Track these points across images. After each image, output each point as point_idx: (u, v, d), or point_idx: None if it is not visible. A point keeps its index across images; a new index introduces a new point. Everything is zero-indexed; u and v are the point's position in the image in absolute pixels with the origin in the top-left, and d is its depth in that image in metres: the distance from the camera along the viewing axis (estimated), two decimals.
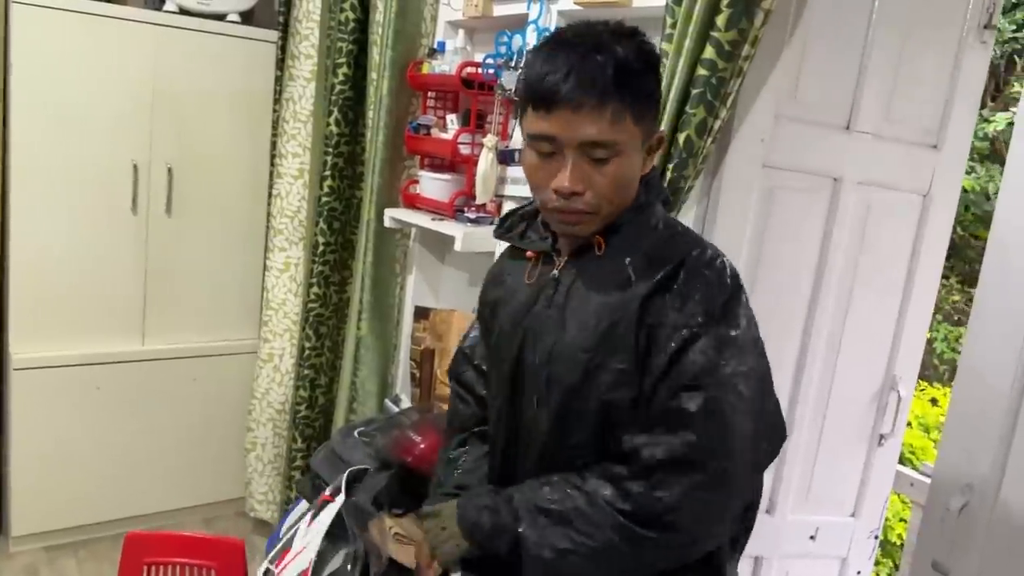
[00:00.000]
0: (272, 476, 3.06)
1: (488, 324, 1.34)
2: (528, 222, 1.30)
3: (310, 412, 2.77)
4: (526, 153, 1.16)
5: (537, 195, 1.18)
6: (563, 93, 1.08)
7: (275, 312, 2.98)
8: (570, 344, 1.16)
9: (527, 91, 1.13)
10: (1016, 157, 1.25)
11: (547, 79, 1.09)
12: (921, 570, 1.33)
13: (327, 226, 2.63)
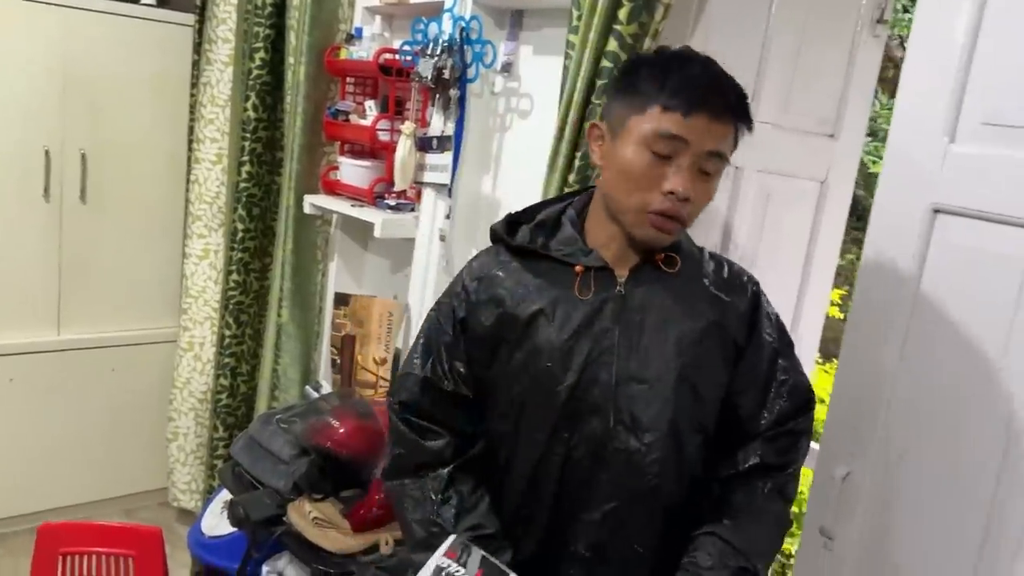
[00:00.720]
0: (194, 465, 3.04)
1: (511, 345, 1.20)
2: (546, 234, 1.23)
3: (231, 400, 2.76)
4: (637, 152, 1.12)
5: (633, 196, 1.13)
6: (708, 99, 1.10)
7: (195, 300, 2.95)
8: (663, 359, 1.16)
9: (664, 89, 1.10)
10: (892, 144, 1.34)
11: (693, 82, 1.10)
12: (810, 535, 1.42)
13: (246, 212, 2.61)
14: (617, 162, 1.15)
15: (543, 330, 1.18)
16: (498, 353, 1.22)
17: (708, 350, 1.18)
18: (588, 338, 1.16)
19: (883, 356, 1.33)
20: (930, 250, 1.28)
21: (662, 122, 1.10)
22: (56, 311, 2.91)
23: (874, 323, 1.34)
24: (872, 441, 1.34)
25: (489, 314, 1.22)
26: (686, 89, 1.10)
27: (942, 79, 1.26)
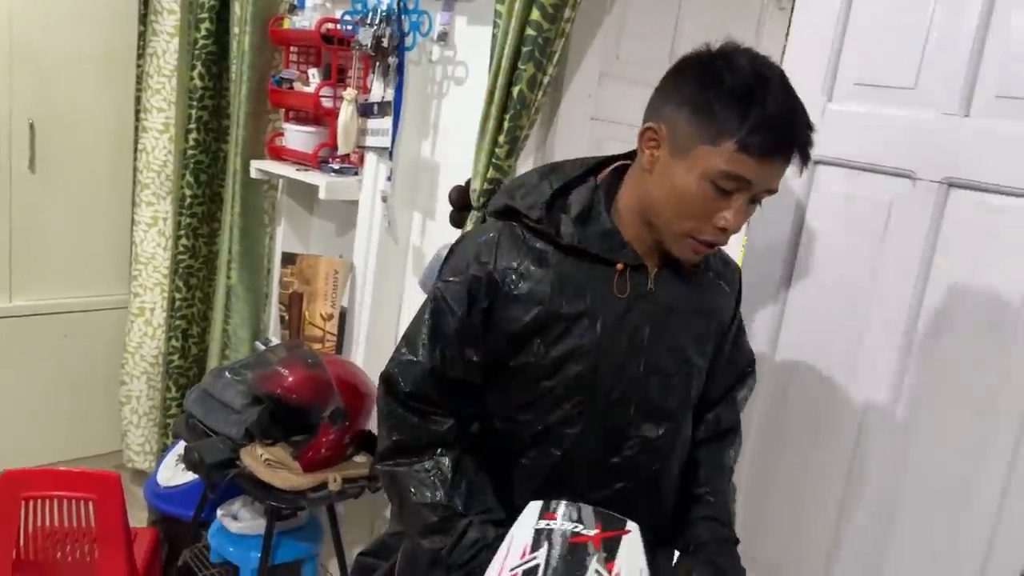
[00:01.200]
0: (148, 427, 3.12)
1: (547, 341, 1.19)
2: (583, 223, 1.19)
3: (183, 362, 2.85)
4: (700, 184, 1.08)
5: (683, 223, 1.12)
6: (786, 145, 1.07)
7: (145, 266, 3.02)
8: (681, 352, 1.23)
9: (744, 127, 1.04)
10: None
11: (775, 123, 1.05)
12: None
13: (194, 179, 2.69)
14: (674, 184, 1.10)
15: (584, 330, 1.17)
16: (528, 347, 1.19)
17: (711, 339, 1.28)
18: (623, 334, 1.18)
19: (771, 288, 1.50)
20: (811, 196, 1.45)
21: (734, 163, 1.05)
22: (8, 278, 2.96)
23: (764, 261, 1.51)
24: (762, 365, 1.51)
25: (527, 310, 1.18)
26: (766, 131, 1.05)
27: (821, 45, 1.42)
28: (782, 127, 1.06)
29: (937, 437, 1.29)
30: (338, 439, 2.02)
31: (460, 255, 1.24)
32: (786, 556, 1.48)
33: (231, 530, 2.15)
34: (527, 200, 1.20)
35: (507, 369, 1.22)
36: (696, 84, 1.09)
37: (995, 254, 1.22)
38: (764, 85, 1.06)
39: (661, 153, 1.12)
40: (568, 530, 1.07)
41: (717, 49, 1.11)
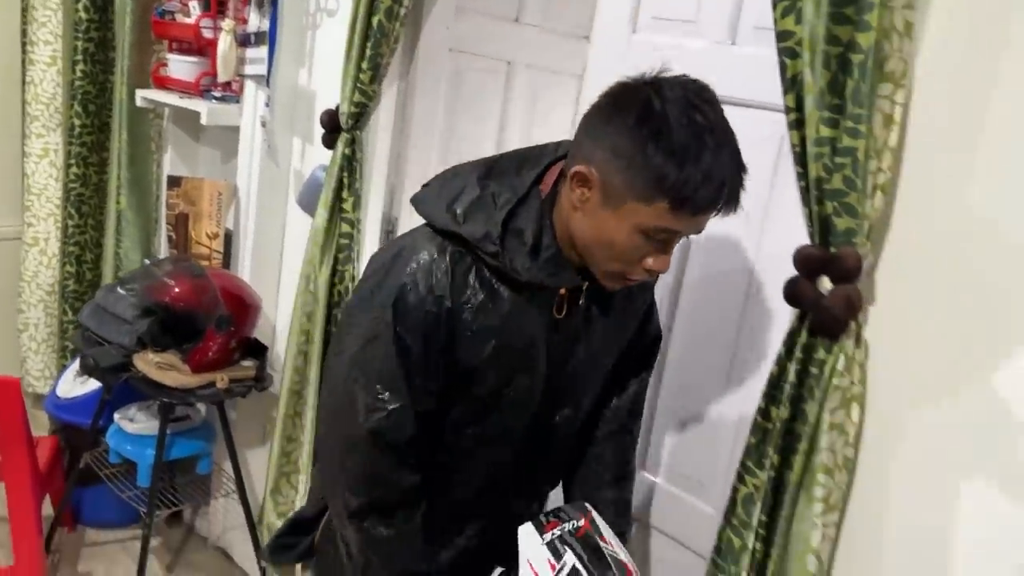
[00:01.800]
0: (47, 353, 3.23)
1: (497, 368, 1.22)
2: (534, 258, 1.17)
3: (79, 287, 2.97)
4: (631, 236, 1.09)
5: (612, 264, 1.15)
6: (720, 200, 1.08)
7: (37, 197, 3.10)
8: (602, 356, 1.35)
9: (678, 192, 1.04)
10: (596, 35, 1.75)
11: (711, 183, 1.05)
12: None
13: (82, 109, 2.79)
14: (604, 231, 1.11)
15: (532, 354, 1.23)
16: (482, 377, 1.22)
17: (628, 337, 1.41)
18: (560, 349, 1.26)
19: None
20: None
21: (666, 220, 1.07)
22: None
23: None
24: None
25: (483, 345, 1.19)
26: (702, 191, 1.05)
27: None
28: (717, 187, 1.06)
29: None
30: (224, 344, 2.22)
31: (401, 276, 1.17)
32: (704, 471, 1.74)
33: (128, 431, 2.34)
34: (476, 227, 1.15)
35: (457, 393, 1.24)
36: (630, 136, 1.06)
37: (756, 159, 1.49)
38: (700, 142, 1.04)
39: (591, 196, 1.11)
40: (570, 528, 1.20)
41: (653, 88, 1.08)
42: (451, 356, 1.19)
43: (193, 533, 2.77)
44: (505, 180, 1.19)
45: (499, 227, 1.14)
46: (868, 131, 1.17)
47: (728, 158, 1.08)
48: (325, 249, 2.07)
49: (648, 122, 1.05)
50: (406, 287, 1.16)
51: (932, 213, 1.21)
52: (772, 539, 1.29)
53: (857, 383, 1.25)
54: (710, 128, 1.06)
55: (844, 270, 1.22)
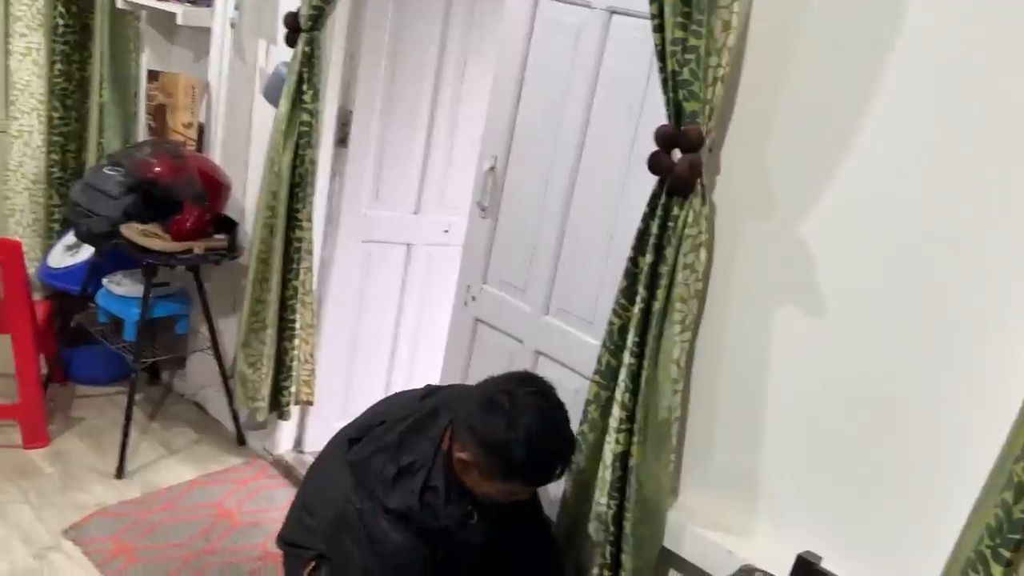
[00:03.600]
0: (33, 237, 3.53)
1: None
2: (451, 506, 1.67)
3: (64, 173, 3.28)
4: (499, 492, 1.66)
5: (495, 500, 1.69)
6: (557, 477, 1.68)
7: (21, 93, 3.37)
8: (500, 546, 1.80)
9: (529, 477, 1.65)
10: None
11: (547, 473, 1.65)
12: (474, 211, 2.24)
13: (65, 9, 3.06)
14: (484, 490, 1.66)
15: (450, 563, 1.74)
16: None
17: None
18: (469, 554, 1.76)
19: (509, 89, 2.12)
20: (535, 25, 2.06)
21: (520, 487, 1.67)
22: None
23: (507, 65, 2.12)
24: (504, 148, 2.15)
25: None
26: (548, 472, 1.65)
27: None
28: (553, 471, 1.66)
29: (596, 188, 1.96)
30: (200, 217, 2.57)
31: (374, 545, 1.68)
32: (590, 311, 2.15)
33: (116, 292, 2.70)
34: (401, 500, 1.65)
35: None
36: (495, 440, 1.59)
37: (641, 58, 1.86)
38: (541, 446, 1.60)
39: (473, 472, 1.64)
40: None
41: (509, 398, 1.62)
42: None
43: (171, 392, 3.16)
44: (415, 448, 1.70)
45: (417, 496, 1.65)
46: (708, 33, 1.55)
47: (565, 450, 1.68)
48: (287, 136, 2.41)
49: (507, 432, 1.59)
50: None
51: (766, 104, 1.61)
52: (643, 354, 1.70)
53: (704, 232, 1.66)
54: (548, 429, 1.63)
55: (690, 142, 1.62)
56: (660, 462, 1.72)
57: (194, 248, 2.54)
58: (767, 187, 1.62)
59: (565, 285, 2.06)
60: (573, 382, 2.02)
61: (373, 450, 1.74)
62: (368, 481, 1.70)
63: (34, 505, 2.41)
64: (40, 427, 2.66)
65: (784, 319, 1.62)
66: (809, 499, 1.61)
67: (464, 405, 1.69)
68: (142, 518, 2.43)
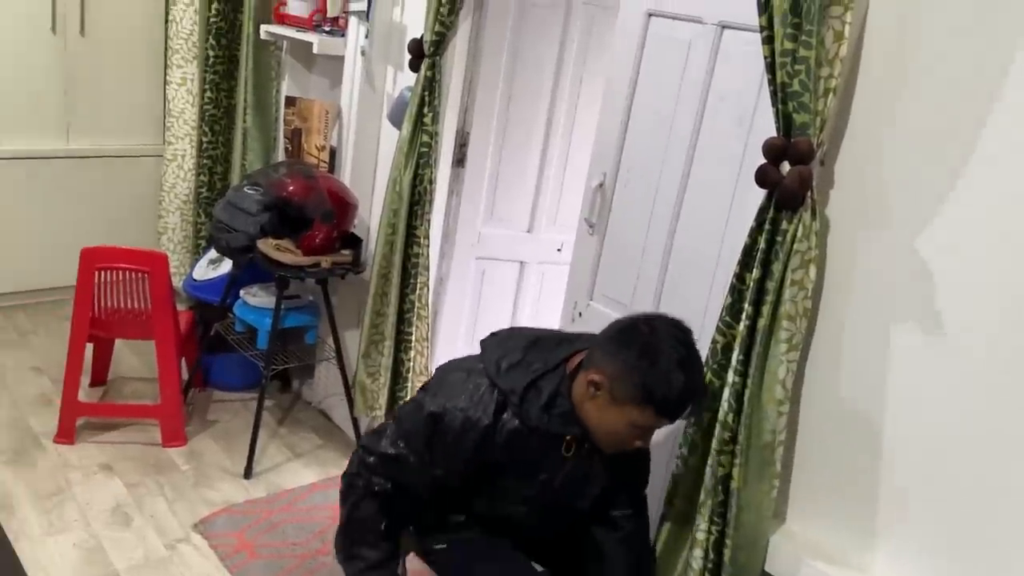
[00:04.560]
0: (182, 253, 3.83)
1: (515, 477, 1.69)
2: (543, 413, 1.62)
3: (210, 194, 3.54)
4: (626, 427, 1.56)
5: (610, 442, 1.61)
6: (687, 410, 1.59)
7: (176, 120, 3.68)
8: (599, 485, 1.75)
9: (663, 404, 1.52)
10: None
11: (681, 404, 1.55)
12: (582, 228, 2.27)
13: (216, 42, 3.32)
14: (607, 421, 1.57)
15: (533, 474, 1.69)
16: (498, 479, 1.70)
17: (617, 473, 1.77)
18: (562, 476, 1.70)
19: (620, 105, 2.13)
20: (647, 40, 2.07)
21: (651, 420, 1.55)
22: (65, 124, 3.64)
23: (616, 90, 2.14)
24: (613, 166, 2.16)
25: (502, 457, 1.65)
26: (682, 402, 1.56)
27: None
28: (687, 404, 1.57)
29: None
30: (328, 234, 2.71)
31: (459, 391, 1.64)
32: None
33: (251, 303, 2.88)
34: (509, 382, 1.62)
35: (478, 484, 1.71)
36: (632, 355, 1.53)
37: (752, 71, 1.84)
38: (680, 372, 1.51)
39: (601, 395, 1.56)
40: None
41: (650, 327, 1.56)
42: (477, 459, 1.65)
43: (300, 399, 3.32)
44: (542, 354, 1.67)
45: (523, 387, 1.61)
46: (819, 43, 1.52)
47: (700, 381, 1.60)
48: (409, 156, 2.52)
49: (646, 351, 1.54)
50: (457, 401, 1.63)
51: (883, 116, 1.55)
52: (748, 373, 1.67)
53: (814, 248, 1.61)
54: (688, 360, 1.55)
55: (799, 154, 1.58)
56: (762, 487, 1.67)
57: (322, 263, 2.68)
58: (885, 201, 1.56)
59: (671, 302, 2.04)
60: None
61: (507, 336, 1.74)
62: (488, 358, 1.68)
63: (168, 499, 2.59)
64: (178, 428, 2.86)
65: (903, 341, 1.54)
66: (931, 534, 1.52)
67: (602, 334, 1.64)
68: (265, 517, 2.57)
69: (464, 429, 1.62)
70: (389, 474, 1.71)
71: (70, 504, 2.49)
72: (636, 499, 1.86)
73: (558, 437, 1.66)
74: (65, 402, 2.71)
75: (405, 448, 1.68)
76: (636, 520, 1.85)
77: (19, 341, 3.44)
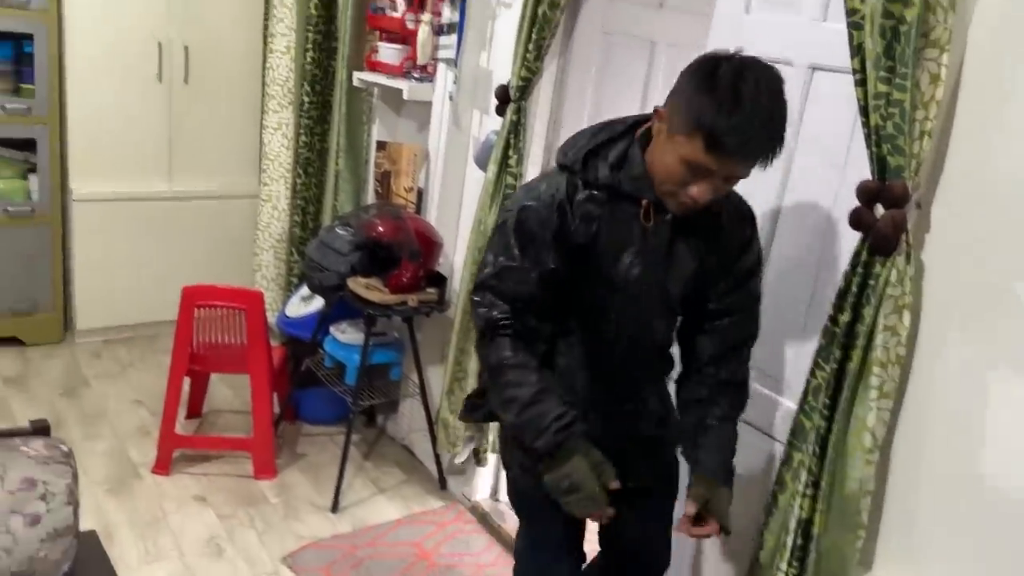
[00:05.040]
0: (275, 290, 3.97)
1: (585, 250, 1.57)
2: (619, 170, 1.52)
3: (303, 233, 3.67)
4: (675, 163, 1.41)
5: (665, 186, 1.46)
6: (740, 153, 1.37)
7: (271, 162, 3.83)
8: (682, 269, 1.61)
9: (710, 134, 1.34)
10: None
11: (731, 138, 1.34)
12: None
13: (310, 89, 3.46)
14: (662, 157, 1.44)
15: (620, 248, 1.57)
16: (584, 258, 1.58)
17: (708, 262, 1.64)
18: (646, 252, 1.57)
19: None
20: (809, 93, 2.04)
21: (699, 156, 1.37)
22: (168, 167, 3.84)
23: None
24: None
25: (586, 233, 1.55)
26: (733, 136, 1.33)
27: None
28: (748, 135, 1.34)
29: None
30: (415, 273, 2.77)
31: (532, 189, 1.59)
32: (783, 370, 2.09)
33: (340, 340, 2.96)
34: (571, 156, 1.55)
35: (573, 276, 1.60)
36: (694, 83, 1.38)
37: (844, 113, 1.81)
38: (739, 102, 1.32)
39: (661, 129, 1.44)
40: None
41: (727, 59, 1.39)
42: (563, 238, 1.56)
43: (384, 434, 3.38)
44: (610, 127, 1.59)
45: (582, 152, 1.54)
46: (913, 86, 1.50)
47: (760, 124, 1.36)
48: (493, 197, 2.56)
49: (709, 80, 1.37)
50: (531, 195, 1.59)
51: (981, 158, 1.51)
52: (833, 417, 1.63)
53: (908, 294, 1.57)
54: (754, 96, 1.35)
55: (893, 198, 1.55)
56: (846, 536, 1.62)
57: (409, 301, 2.75)
58: (983, 245, 1.51)
59: (761, 345, 2.01)
60: (766, 445, 1.95)
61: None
62: (558, 153, 1.62)
63: (259, 531, 2.67)
64: (269, 461, 2.94)
65: (1005, 391, 1.48)
66: None
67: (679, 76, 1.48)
68: (350, 552, 2.61)
69: (542, 216, 1.55)
70: (503, 296, 1.59)
71: (165, 534, 2.59)
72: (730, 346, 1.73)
73: (634, 205, 1.55)
74: (163, 434, 2.83)
75: (505, 259, 1.58)
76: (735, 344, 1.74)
77: (120, 374, 3.61)
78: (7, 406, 3.21)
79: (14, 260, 3.58)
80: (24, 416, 3.14)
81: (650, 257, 1.59)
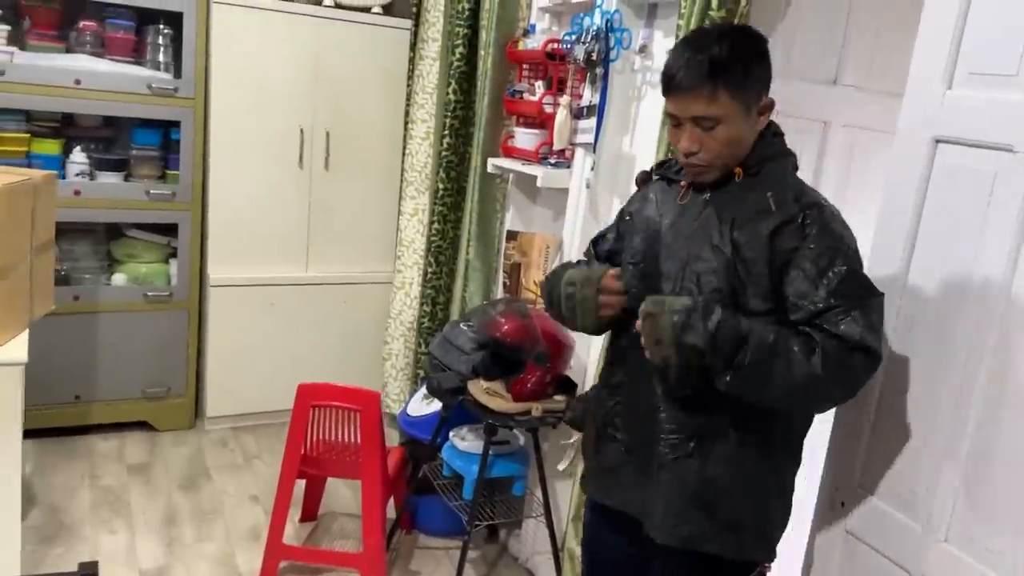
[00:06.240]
0: (403, 380, 3.79)
1: (628, 226, 1.78)
2: (670, 164, 1.77)
3: (431, 324, 3.48)
4: (669, 126, 1.63)
5: (670, 136, 1.65)
6: (674, 82, 1.54)
7: (406, 248, 3.70)
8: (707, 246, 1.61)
9: (661, 79, 1.58)
10: (909, 91, 1.74)
11: (666, 71, 1.56)
12: None
13: (446, 175, 3.31)
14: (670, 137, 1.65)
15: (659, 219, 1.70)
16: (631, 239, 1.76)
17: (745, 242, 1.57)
18: (682, 224, 1.65)
19: (896, 249, 1.74)
20: (933, 170, 1.68)
21: (668, 105, 1.58)
22: (305, 253, 3.78)
23: (893, 228, 1.75)
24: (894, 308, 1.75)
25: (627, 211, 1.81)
26: (664, 77, 1.57)
27: (942, 39, 1.66)
28: (670, 70, 1.55)
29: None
30: (541, 378, 2.48)
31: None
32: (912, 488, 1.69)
33: (459, 448, 2.70)
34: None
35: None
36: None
37: None
38: (675, 47, 1.58)
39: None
40: None
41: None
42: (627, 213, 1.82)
43: (506, 552, 3.05)
44: None
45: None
46: None
47: (684, 48, 1.56)
48: None
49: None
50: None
51: None
52: None
53: None
54: (695, 34, 1.61)
55: None
56: None
57: (532, 410, 2.45)
58: None
59: (976, 501, 1.56)
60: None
61: None
62: None
63: None
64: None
65: None
66: None
67: None
68: None
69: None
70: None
71: None
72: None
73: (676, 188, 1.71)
74: (269, 545, 2.63)
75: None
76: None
77: (244, 465, 3.49)
78: (126, 499, 3.13)
79: (150, 345, 3.58)
80: (141, 511, 3.05)
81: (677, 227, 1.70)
